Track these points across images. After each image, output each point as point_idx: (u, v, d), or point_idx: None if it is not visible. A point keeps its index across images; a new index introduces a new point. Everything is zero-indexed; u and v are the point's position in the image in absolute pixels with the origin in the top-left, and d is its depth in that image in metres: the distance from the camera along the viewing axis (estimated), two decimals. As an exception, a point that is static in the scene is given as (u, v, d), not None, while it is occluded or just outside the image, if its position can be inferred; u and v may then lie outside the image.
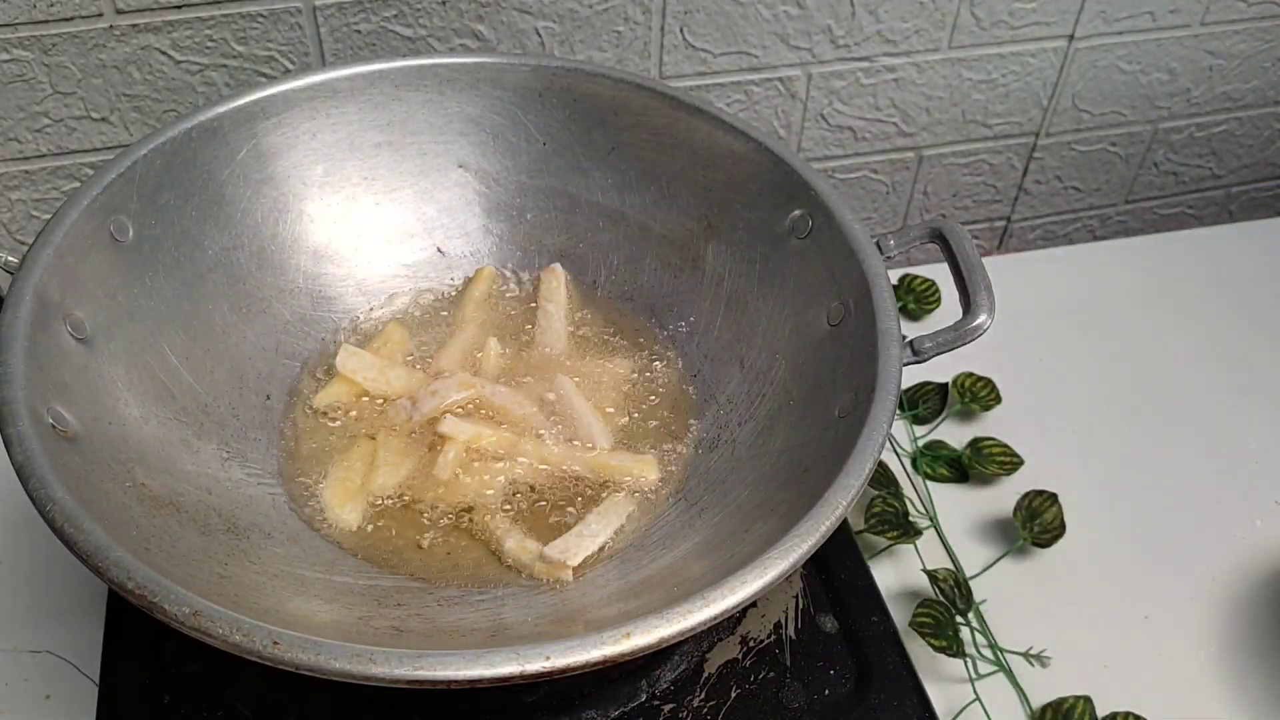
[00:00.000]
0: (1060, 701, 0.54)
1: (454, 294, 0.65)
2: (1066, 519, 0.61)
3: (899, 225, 0.92)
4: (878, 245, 0.53)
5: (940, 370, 0.69)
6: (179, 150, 0.56)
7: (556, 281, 0.64)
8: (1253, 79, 0.91)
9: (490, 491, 0.55)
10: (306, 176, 0.61)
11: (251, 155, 0.59)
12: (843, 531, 0.60)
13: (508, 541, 0.52)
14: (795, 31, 0.77)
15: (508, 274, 0.65)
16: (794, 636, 0.56)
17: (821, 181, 0.56)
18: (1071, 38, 0.84)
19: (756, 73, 0.79)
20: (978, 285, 0.51)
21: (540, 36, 0.73)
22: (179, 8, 0.66)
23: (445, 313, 0.64)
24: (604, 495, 0.55)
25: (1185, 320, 0.77)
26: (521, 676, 0.36)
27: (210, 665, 0.52)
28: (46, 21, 0.64)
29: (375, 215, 0.63)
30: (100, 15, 0.65)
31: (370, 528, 0.53)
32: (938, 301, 0.77)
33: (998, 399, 0.69)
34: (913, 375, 0.70)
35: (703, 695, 0.53)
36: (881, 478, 0.63)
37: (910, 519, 0.61)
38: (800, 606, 0.57)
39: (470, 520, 0.54)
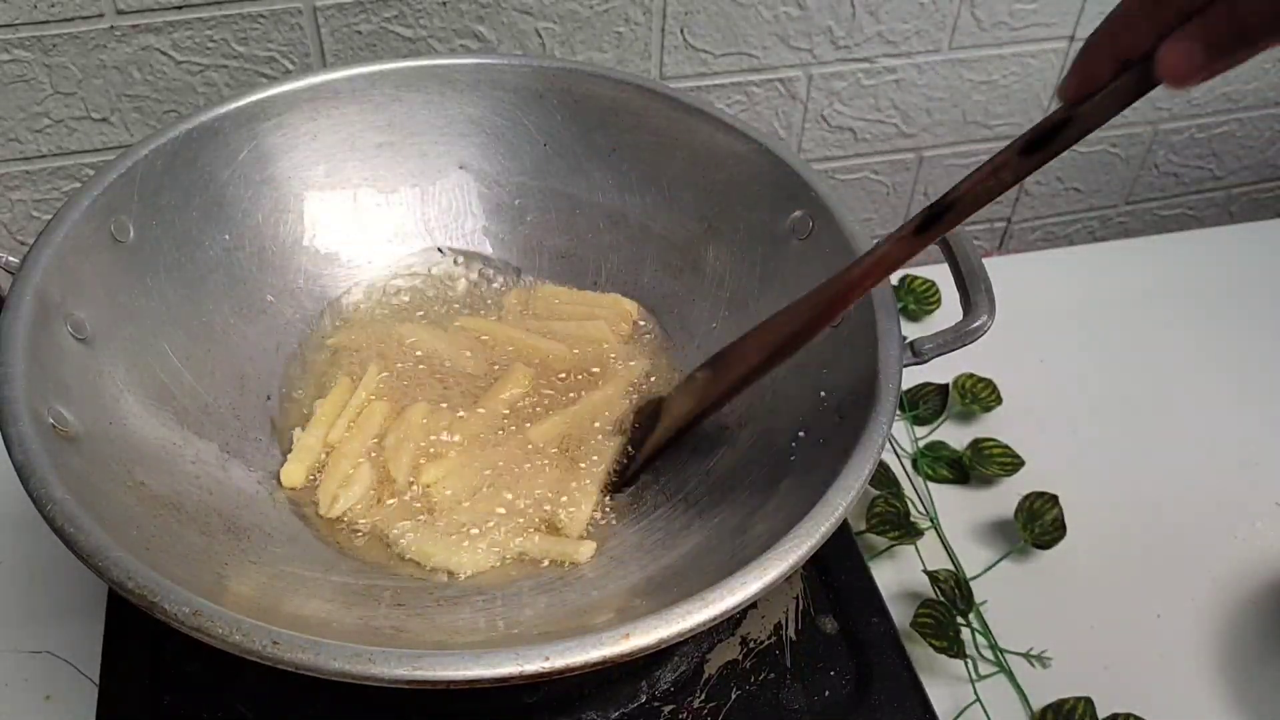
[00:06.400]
0: (1061, 703, 0.54)
1: (453, 294, 0.65)
2: (1067, 520, 0.61)
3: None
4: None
5: (941, 371, 0.69)
6: (180, 151, 0.56)
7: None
8: (1253, 80, 0.91)
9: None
10: (307, 177, 0.61)
11: (252, 156, 0.59)
12: (843, 532, 0.60)
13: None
14: (796, 32, 0.77)
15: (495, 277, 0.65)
16: (794, 637, 0.55)
17: (822, 183, 0.56)
18: (1072, 39, 0.84)
19: (757, 74, 0.79)
20: (978, 286, 0.51)
21: (541, 37, 0.74)
22: (179, 8, 0.66)
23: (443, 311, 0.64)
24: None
25: (1185, 321, 0.77)
26: (521, 677, 0.36)
27: (210, 665, 0.52)
28: (47, 22, 0.64)
29: (375, 216, 0.63)
30: (101, 16, 0.65)
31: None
32: (938, 302, 0.77)
33: (998, 400, 0.69)
34: (913, 376, 0.70)
35: (703, 696, 0.53)
36: (882, 478, 0.63)
37: (911, 520, 0.61)
38: (800, 607, 0.57)
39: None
